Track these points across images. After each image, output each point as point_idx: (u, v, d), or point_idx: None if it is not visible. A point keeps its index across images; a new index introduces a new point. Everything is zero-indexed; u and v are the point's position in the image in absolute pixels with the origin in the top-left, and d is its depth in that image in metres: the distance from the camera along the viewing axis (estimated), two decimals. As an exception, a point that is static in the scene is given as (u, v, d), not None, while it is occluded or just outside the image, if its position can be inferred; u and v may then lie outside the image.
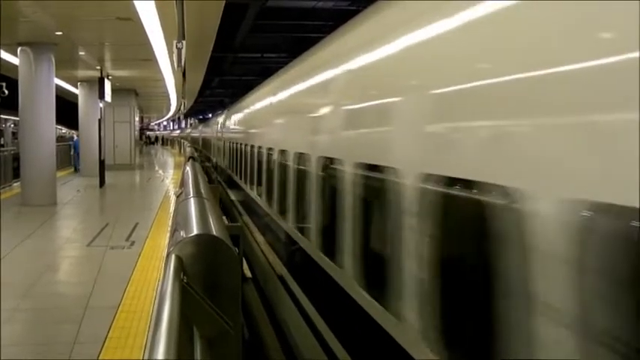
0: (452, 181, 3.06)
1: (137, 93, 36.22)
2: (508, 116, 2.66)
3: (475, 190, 2.80)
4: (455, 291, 3.16)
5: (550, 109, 2.37)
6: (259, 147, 10.67)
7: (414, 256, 3.48)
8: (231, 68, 40.81)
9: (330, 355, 5.28)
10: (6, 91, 25.37)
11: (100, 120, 26.02)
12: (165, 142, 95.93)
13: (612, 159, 1.97)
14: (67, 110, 34.77)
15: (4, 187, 21.80)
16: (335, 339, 5.24)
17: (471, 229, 3.04)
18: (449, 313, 3.14)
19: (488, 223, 2.66)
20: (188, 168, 11.11)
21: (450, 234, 3.20)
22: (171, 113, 70.03)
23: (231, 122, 18.70)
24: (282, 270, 7.93)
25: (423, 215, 3.35)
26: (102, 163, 24.74)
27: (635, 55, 1.89)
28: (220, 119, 24.06)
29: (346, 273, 4.87)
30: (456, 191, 3.03)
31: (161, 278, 3.22)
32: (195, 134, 55.53)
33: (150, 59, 21.01)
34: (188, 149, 35.45)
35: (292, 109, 8.63)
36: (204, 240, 3.69)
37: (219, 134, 22.97)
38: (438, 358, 3.13)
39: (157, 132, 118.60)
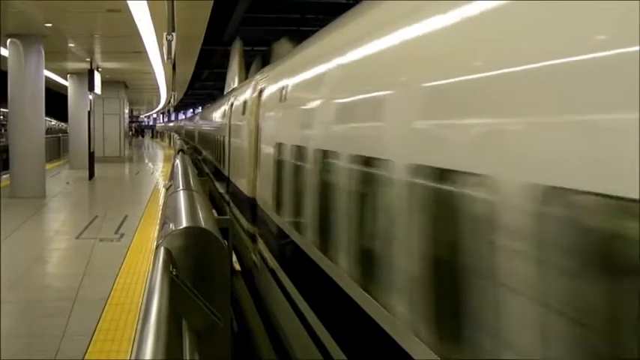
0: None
1: (127, 85, 36.07)
2: None
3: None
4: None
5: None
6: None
7: None
8: (222, 61, 40.74)
9: (321, 348, 5.28)
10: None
11: (89, 112, 25.91)
12: (155, 134, 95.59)
13: None
14: (56, 102, 34.59)
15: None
16: (326, 332, 5.25)
17: None
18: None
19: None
20: (177, 161, 11.09)
21: None
22: (161, 106, 69.81)
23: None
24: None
25: None
26: (91, 155, 24.65)
27: None
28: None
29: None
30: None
31: (150, 271, 3.22)
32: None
33: (140, 51, 20.94)
34: (178, 142, 35.32)
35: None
36: (193, 233, 3.69)
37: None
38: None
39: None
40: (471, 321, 2.70)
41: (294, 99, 7.19)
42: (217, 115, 20.68)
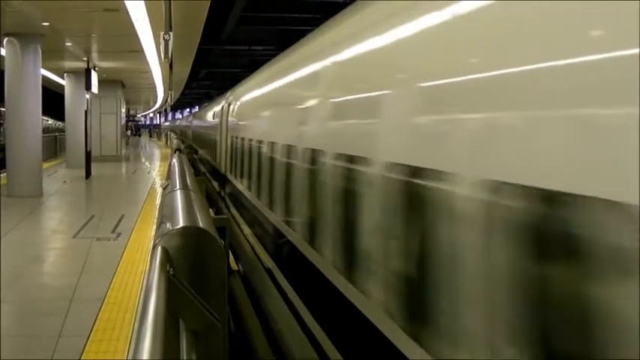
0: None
1: (124, 84, 36.04)
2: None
3: None
4: None
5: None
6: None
7: None
8: (219, 60, 40.75)
9: (317, 347, 5.29)
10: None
11: (86, 111, 25.91)
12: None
13: None
14: (53, 101, 34.55)
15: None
16: (322, 331, 5.25)
17: None
18: None
19: None
20: (174, 160, 11.09)
21: None
22: (157, 105, 69.76)
23: None
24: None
25: None
26: (88, 154, 24.63)
27: None
28: None
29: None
30: None
31: (147, 270, 3.22)
32: None
33: (137, 50, 20.93)
34: (175, 141, 35.23)
35: None
36: (190, 232, 3.69)
37: None
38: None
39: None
40: None
41: None
42: None
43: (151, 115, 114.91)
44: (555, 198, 2.21)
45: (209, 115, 24.62)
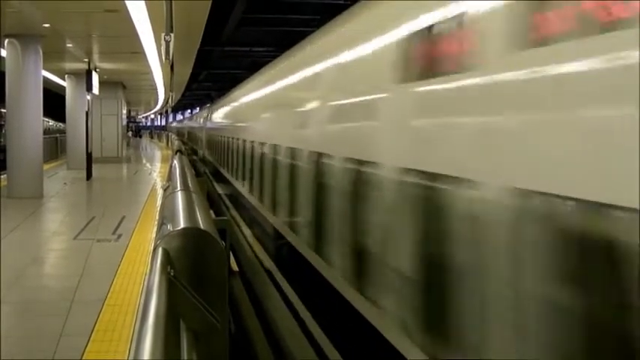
0: None
1: (125, 86, 36.03)
2: None
3: None
4: None
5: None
6: None
7: None
8: (219, 62, 40.75)
9: (317, 348, 5.29)
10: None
11: (87, 112, 25.91)
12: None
13: None
14: (54, 103, 34.59)
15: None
16: (322, 333, 5.25)
17: None
18: None
19: None
20: (175, 161, 11.09)
21: None
22: (158, 106, 69.80)
23: None
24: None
25: None
26: (89, 155, 24.63)
27: None
28: None
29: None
30: None
31: (148, 272, 3.22)
32: None
33: (138, 52, 20.93)
34: (176, 142, 35.18)
35: None
36: (191, 233, 3.69)
37: None
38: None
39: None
40: None
41: None
42: None
43: (152, 116, 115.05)
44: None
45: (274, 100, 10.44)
